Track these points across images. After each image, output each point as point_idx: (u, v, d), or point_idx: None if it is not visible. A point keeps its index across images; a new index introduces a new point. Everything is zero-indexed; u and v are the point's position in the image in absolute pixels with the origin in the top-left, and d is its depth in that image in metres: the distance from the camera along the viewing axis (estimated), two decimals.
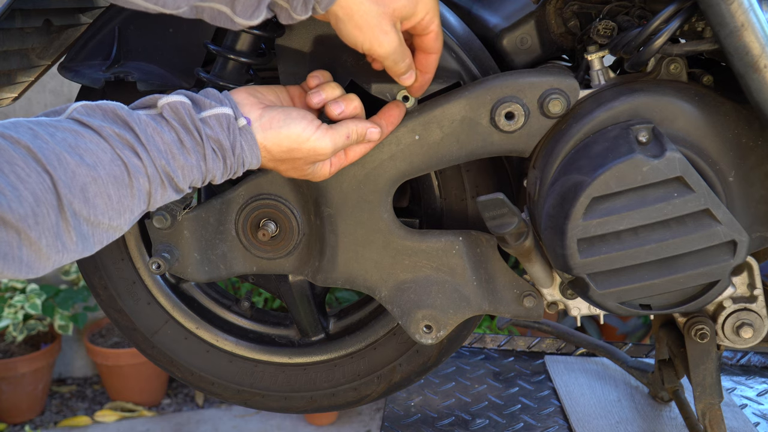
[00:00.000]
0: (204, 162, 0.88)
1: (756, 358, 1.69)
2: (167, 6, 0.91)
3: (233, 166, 0.91)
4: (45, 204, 0.73)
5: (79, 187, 0.76)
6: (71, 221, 0.75)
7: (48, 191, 0.73)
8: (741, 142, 0.99)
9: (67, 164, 0.75)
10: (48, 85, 3.30)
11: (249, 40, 1.02)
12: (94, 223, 0.78)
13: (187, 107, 0.87)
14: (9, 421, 3.15)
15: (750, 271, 1.12)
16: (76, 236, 0.76)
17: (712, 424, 1.21)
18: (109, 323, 3.34)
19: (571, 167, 0.99)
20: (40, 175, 0.73)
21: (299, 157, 0.96)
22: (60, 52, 1.19)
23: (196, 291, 1.33)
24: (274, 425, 3.11)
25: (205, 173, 0.88)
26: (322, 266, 1.16)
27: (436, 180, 1.18)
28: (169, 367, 1.33)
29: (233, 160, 0.90)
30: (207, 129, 0.88)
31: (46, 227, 0.73)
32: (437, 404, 1.53)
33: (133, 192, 0.81)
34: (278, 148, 0.94)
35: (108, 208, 0.79)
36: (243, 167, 0.92)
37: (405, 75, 0.98)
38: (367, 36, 0.91)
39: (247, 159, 0.92)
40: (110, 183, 0.78)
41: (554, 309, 1.15)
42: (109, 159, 0.79)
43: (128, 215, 0.82)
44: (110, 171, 0.79)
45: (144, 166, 0.81)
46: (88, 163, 0.77)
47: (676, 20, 0.95)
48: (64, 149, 0.76)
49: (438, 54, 0.99)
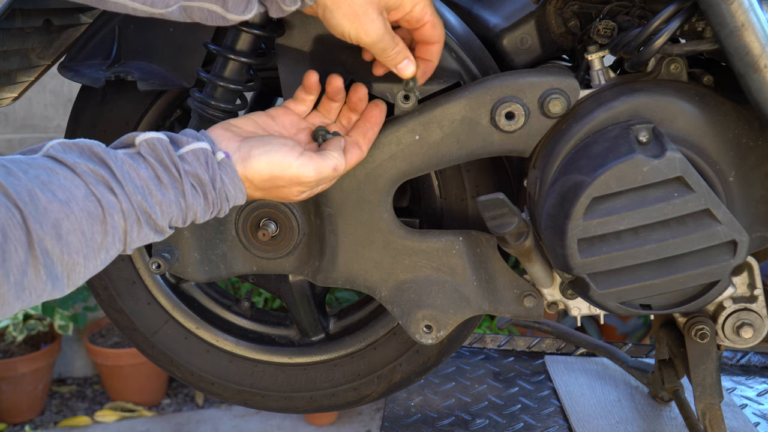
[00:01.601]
0: (183, 198, 0.85)
1: (756, 358, 1.69)
2: (156, 6, 0.91)
3: (215, 201, 0.88)
4: (13, 240, 0.70)
5: (51, 223, 0.72)
6: (41, 259, 0.72)
7: (17, 227, 0.70)
8: (741, 142, 0.99)
9: (39, 200, 0.72)
10: (48, 85, 3.30)
11: (249, 40, 1.02)
12: (69, 264, 0.75)
13: (165, 143, 0.85)
14: (9, 421, 3.15)
15: (750, 271, 1.12)
16: (45, 275, 0.72)
17: (712, 424, 1.21)
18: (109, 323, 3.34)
19: (571, 167, 0.99)
20: (10, 210, 0.70)
21: (283, 185, 0.94)
22: (60, 52, 1.19)
23: (196, 291, 1.33)
24: (274, 425, 3.11)
25: (185, 210, 0.85)
26: (322, 266, 1.16)
27: (436, 180, 1.18)
28: (169, 367, 1.33)
29: (215, 195, 0.87)
30: (185, 165, 0.86)
31: (14, 264, 0.70)
32: (437, 404, 1.53)
33: (107, 229, 0.77)
34: (260, 177, 0.92)
35: (83, 246, 0.75)
36: (227, 202, 0.90)
37: (401, 65, 0.98)
38: (354, 24, 0.92)
39: (230, 193, 0.89)
40: (84, 219, 0.75)
41: (554, 309, 1.15)
42: (82, 195, 0.76)
43: (104, 254, 0.78)
44: (84, 207, 0.75)
45: (119, 201, 0.78)
46: (60, 200, 0.74)
47: (677, 20, 0.95)
48: (36, 185, 0.73)
49: (439, 43, 0.99)
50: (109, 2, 0.92)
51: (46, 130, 3.36)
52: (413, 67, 0.99)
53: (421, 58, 1.00)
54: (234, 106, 1.05)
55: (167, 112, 1.21)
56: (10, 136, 3.34)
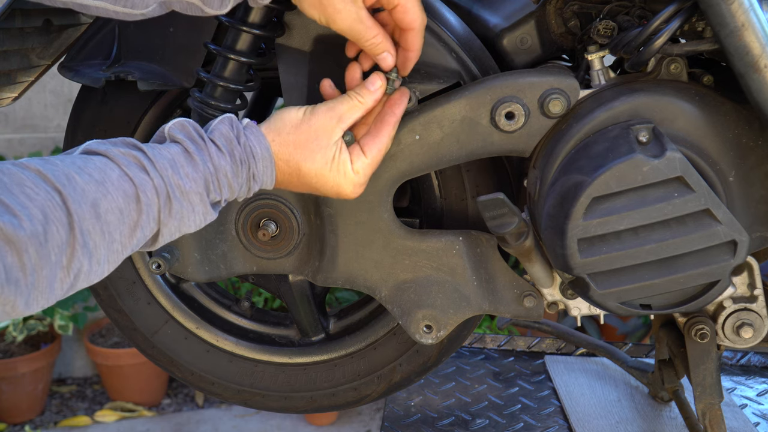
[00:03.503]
0: (210, 161, 0.87)
1: (756, 358, 1.69)
2: (136, 7, 0.92)
3: (242, 157, 0.90)
4: (54, 221, 0.72)
5: (89, 202, 0.75)
6: (80, 238, 0.74)
7: (57, 208, 0.72)
8: (741, 142, 0.99)
9: (76, 182, 0.75)
10: (48, 85, 3.30)
11: (249, 39, 1.02)
12: (108, 242, 0.77)
13: (192, 123, 0.89)
14: (9, 421, 3.15)
15: (750, 271, 1.12)
16: (83, 256, 0.74)
17: (712, 424, 1.21)
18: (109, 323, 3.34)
19: (571, 167, 0.99)
20: (49, 193, 0.72)
21: (312, 139, 0.95)
22: (60, 52, 1.19)
23: (196, 291, 1.33)
24: (274, 425, 3.11)
25: (215, 173, 0.87)
26: (322, 266, 1.16)
27: (436, 180, 1.18)
28: (169, 367, 1.33)
29: (241, 150, 0.90)
30: (211, 133, 0.89)
31: (55, 244, 0.72)
32: (437, 404, 1.53)
33: (141, 207, 0.80)
34: (284, 126, 0.94)
35: (120, 224, 0.78)
36: (254, 159, 0.91)
37: (380, 56, 0.97)
38: (322, 13, 0.92)
39: (255, 149, 0.91)
40: (120, 198, 0.78)
41: (554, 309, 1.15)
42: (117, 175, 0.79)
43: (139, 233, 0.80)
44: (119, 186, 0.78)
45: (151, 179, 0.81)
46: (96, 180, 0.77)
47: (677, 20, 0.95)
48: (72, 170, 0.76)
49: (415, 30, 0.97)
50: (91, 6, 0.93)
51: (46, 130, 3.36)
52: (392, 59, 0.98)
53: (400, 47, 0.99)
54: (234, 106, 1.05)
55: (167, 112, 1.21)
56: (10, 136, 3.34)
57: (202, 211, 0.87)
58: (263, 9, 1.00)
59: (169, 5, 0.93)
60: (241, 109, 1.08)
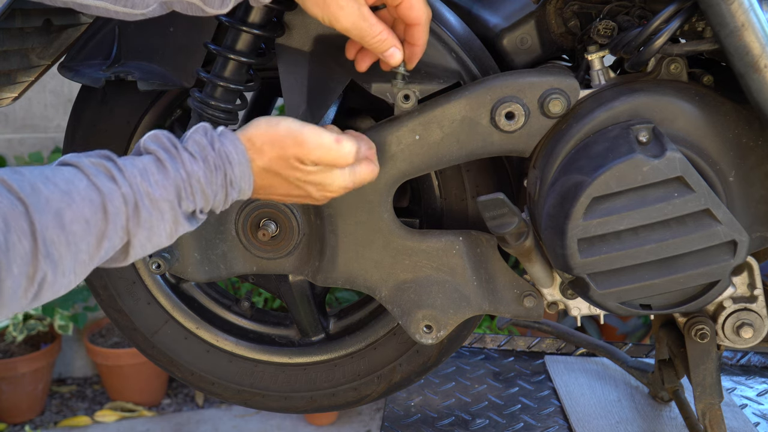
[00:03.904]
0: (182, 167, 0.84)
1: (756, 358, 1.69)
2: (137, 6, 0.91)
3: (217, 162, 0.87)
4: (16, 230, 0.70)
5: (53, 212, 0.73)
6: (42, 249, 0.72)
7: (20, 217, 0.71)
8: (741, 142, 0.99)
9: (41, 192, 0.73)
10: (48, 85, 3.30)
11: (249, 39, 1.02)
12: (74, 252, 0.75)
13: (167, 134, 0.86)
14: (9, 421, 3.15)
15: (750, 271, 1.12)
16: (47, 266, 0.73)
17: (712, 424, 1.21)
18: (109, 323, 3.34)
19: (571, 167, 0.99)
20: (12, 202, 0.71)
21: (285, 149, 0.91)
22: (60, 52, 1.19)
23: (196, 291, 1.33)
24: (274, 425, 3.11)
25: (186, 178, 0.84)
26: (322, 266, 1.16)
27: (436, 180, 1.18)
28: (169, 367, 1.33)
29: (215, 156, 0.87)
30: (185, 142, 0.87)
31: (17, 255, 0.70)
32: (437, 404, 1.53)
33: (108, 216, 0.77)
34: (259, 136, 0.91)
35: (86, 234, 0.76)
36: (230, 164, 0.88)
37: (387, 53, 0.96)
38: (325, 12, 0.91)
39: (230, 154, 0.88)
40: (86, 207, 0.76)
41: (554, 309, 1.15)
42: (84, 185, 0.77)
43: (106, 243, 0.78)
44: (85, 195, 0.76)
45: (119, 187, 0.79)
46: (62, 190, 0.75)
47: (677, 20, 0.95)
48: (38, 180, 0.74)
49: (421, 25, 0.96)
50: (91, 6, 0.92)
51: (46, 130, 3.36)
52: (400, 55, 0.96)
53: (406, 41, 0.98)
54: (234, 106, 1.05)
55: (167, 112, 1.21)
56: (10, 136, 3.34)
57: (171, 220, 0.84)
58: (263, 9, 1.00)
59: (169, 5, 0.93)
60: (241, 109, 1.08)
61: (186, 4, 0.92)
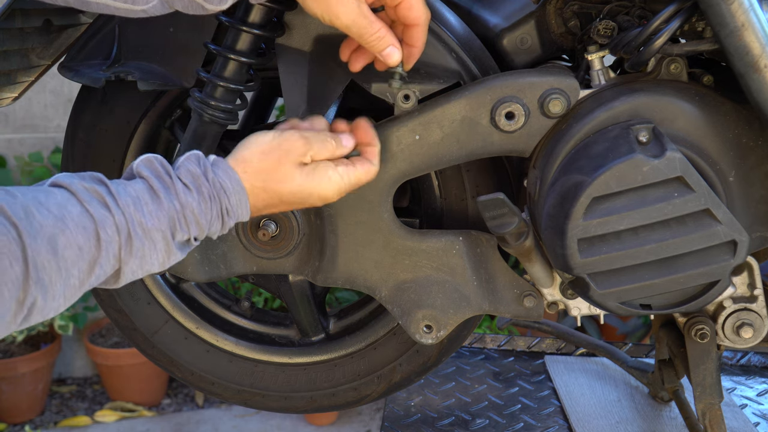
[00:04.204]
0: (176, 198, 0.84)
1: (756, 358, 1.69)
2: (137, 3, 0.91)
3: (212, 193, 0.87)
4: (8, 255, 0.70)
5: (46, 238, 0.73)
6: (33, 275, 0.72)
7: (12, 242, 0.71)
8: (741, 142, 0.99)
9: (34, 217, 0.73)
10: (48, 85, 3.30)
11: (249, 39, 1.02)
12: (65, 278, 0.75)
13: (159, 159, 0.87)
14: (9, 421, 3.15)
15: (750, 271, 1.12)
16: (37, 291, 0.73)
17: (712, 424, 1.21)
18: (109, 323, 3.34)
19: (571, 167, 0.99)
20: (5, 226, 0.71)
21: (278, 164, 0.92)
22: (60, 52, 1.19)
23: (196, 291, 1.33)
24: (274, 425, 3.11)
25: (181, 211, 0.84)
26: (322, 266, 1.16)
27: (436, 180, 1.18)
28: (169, 367, 1.33)
29: (209, 186, 0.87)
30: (178, 170, 0.87)
31: (8, 279, 0.70)
32: (437, 404, 1.53)
33: (101, 244, 0.78)
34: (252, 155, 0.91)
35: (79, 260, 0.76)
36: (225, 195, 0.88)
37: (384, 52, 0.95)
38: (324, 8, 0.91)
39: (225, 183, 0.88)
40: (79, 234, 0.76)
41: (554, 309, 1.15)
42: (78, 211, 0.77)
43: (98, 270, 0.78)
44: (79, 222, 0.76)
45: (112, 215, 0.79)
46: (55, 215, 0.75)
47: (677, 20, 0.95)
48: (32, 204, 0.74)
49: (420, 26, 0.96)
50: (92, 3, 0.92)
51: (46, 130, 3.36)
52: (398, 55, 0.96)
53: (405, 42, 0.98)
54: (234, 106, 1.05)
55: (167, 112, 1.21)
56: (10, 136, 3.34)
57: (164, 250, 0.84)
58: (263, 9, 1.00)
59: (170, 3, 0.93)
60: (241, 109, 1.08)
61: (187, 1, 0.92)
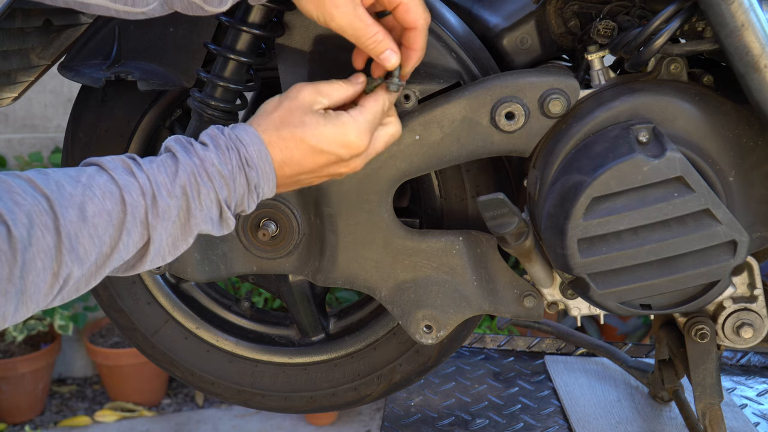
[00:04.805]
0: (195, 155, 0.86)
1: (756, 358, 1.69)
2: (137, 5, 0.92)
3: (228, 143, 0.87)
4: (39, 225, 0.72)
5: (77, 206, 0.75)
6: (66, 243, 0.74)
7: (44, 213, 0.73)
8: (741, 142, 0.99)
9: (64, 188, 0.76)
10: (48, 85, 3.30)
11: (249, 39, 1.02)
12: (98, 245, 0.77)
13: (186, 136, 0.89)
14: (9, 421, 3.15)
15: (750, 271, 1.12)
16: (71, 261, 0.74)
17: (712, 424, 1.21)
18: (109, 323, 3.34)
19: (571, 167, 0.99)
20: (36, 198, 0.73)
21: (299, 115, 0.91)
22: (60, 52, 1.19)
23: (196, 291, 1.33)
24: (274, 425, 3.11)
25: (200, 164, 0.85)
26: (322, 266, 1.16)
27: (436, 180, 1.18)
28: (169, 367, 1.33)
29: (226, 139, 0.88)
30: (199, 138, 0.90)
31: (40, 249, 0.72)
32: (437, 404, 1.53)
33: (125, 208, 0.79)
34: (272, 106, 0.92)
35: (108, 226, 0.78)
36: (242, 144, 0.88)
37: (383, 56, 0.95)
38: (320, 10, 0.91)
39: (242, 136, 0.88)
40: (107, 200, 0.78)
41: (554, 309, 1.15)
42: (104, 179, 0.79)
43: (126, 237, 0.80)
44: (105, 188, 0.79)
45: (137, 180, 0.81)
46: (84, 184, 0.78)
47: (677, 20, 0.95)
48: (63, 178, 0.77)
49: (419, 29, 0.95)
50: (92, 5, 0.92)
51: (46, 130, 3.36)
52: (396, 59, 0.95)
53: (404, 46, 0.97)
54: (234, 106, 1.05)
55: (167, 112, 1.21)
56: (10, 136, 3.34)
57: (185, 208, 0.84)
58: (263, 9, 1.00)
59: (170, 5, 0.93)
60: (241, 109, 1.08)
61: (186, 3, 0.92)
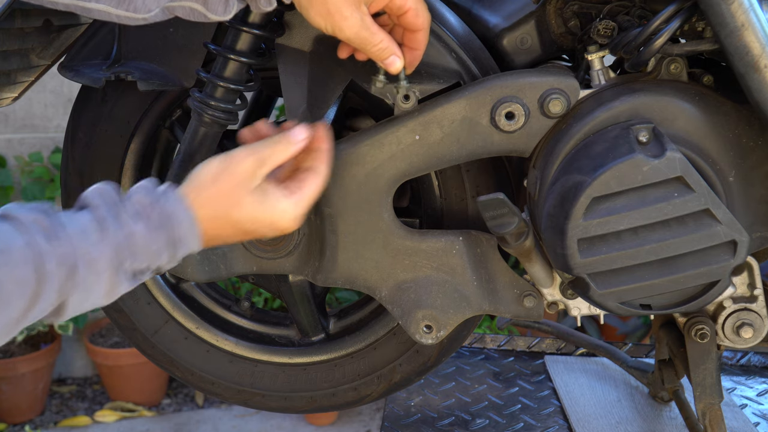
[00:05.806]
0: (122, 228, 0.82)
1: (756, 358, 1.69)
2: (138, 11, 0.91)
3: (159, 221, 0.84)
4: None
5: None
6: None
7: None
8: (741, 142, 0.99)
9: None
10: (48, 85, 3.30)
11: (249, 40, 1.02)
12: (5, 311, 0.74)
13: (110, 188, 0.86)
14: (9, 421, 3.15)
15: (750, 271, 1.12)
16: None
17: (712, 424, 1.21)
18: (109, 323, 3.34)
19: (571, 167, 0.99)
20: None
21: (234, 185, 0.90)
22: (60, 52, 1.19)
23: (196, 291, 1.33)
24: (274, 425, 3.11)
25: (127, 239, 0.82)
26: (322, 266, 1.16)
27: (436, 180, 1.18)
28: (169, 367, 1.33)
29: (157, 216, 0.84)
30: (127, 199, 0.86)
31: None
32: (437, 404, 1.53)
33: (42, 278, 0.76)
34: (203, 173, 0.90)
35: (20, 295, 0.74)
36: (173, 223, 0.85)
37: (387, 61, 0.96)
38: (328, 22, 0.92)
39: (174, 212, 0.86)
40: (20, 268, 0.74)
41: (554, 309, 1.15)
42: (21, 244, 0.75)
43: (40, 304, 0.76)
44: (20, 256, 0.75)
45: (56, 248, 0.77)
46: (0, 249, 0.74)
47: (677, 20, 0.95)
48: None
49: (423, 31, 0.97)
50: (93, 10, 0.92)
51: (46, 130, 3.36)
52: (400, 63, 0.97)
53: (407, 46, 0.99)
54: (234, 106, 1.05)
55: (167, 112, 1.21)
56: (10, 136, 3.34)
57: (108, 281, 0.82)
58: None
59: (171, 11, 0.93)
60: (241, 109, 1.08)
61: (189, 10, 0.92)
